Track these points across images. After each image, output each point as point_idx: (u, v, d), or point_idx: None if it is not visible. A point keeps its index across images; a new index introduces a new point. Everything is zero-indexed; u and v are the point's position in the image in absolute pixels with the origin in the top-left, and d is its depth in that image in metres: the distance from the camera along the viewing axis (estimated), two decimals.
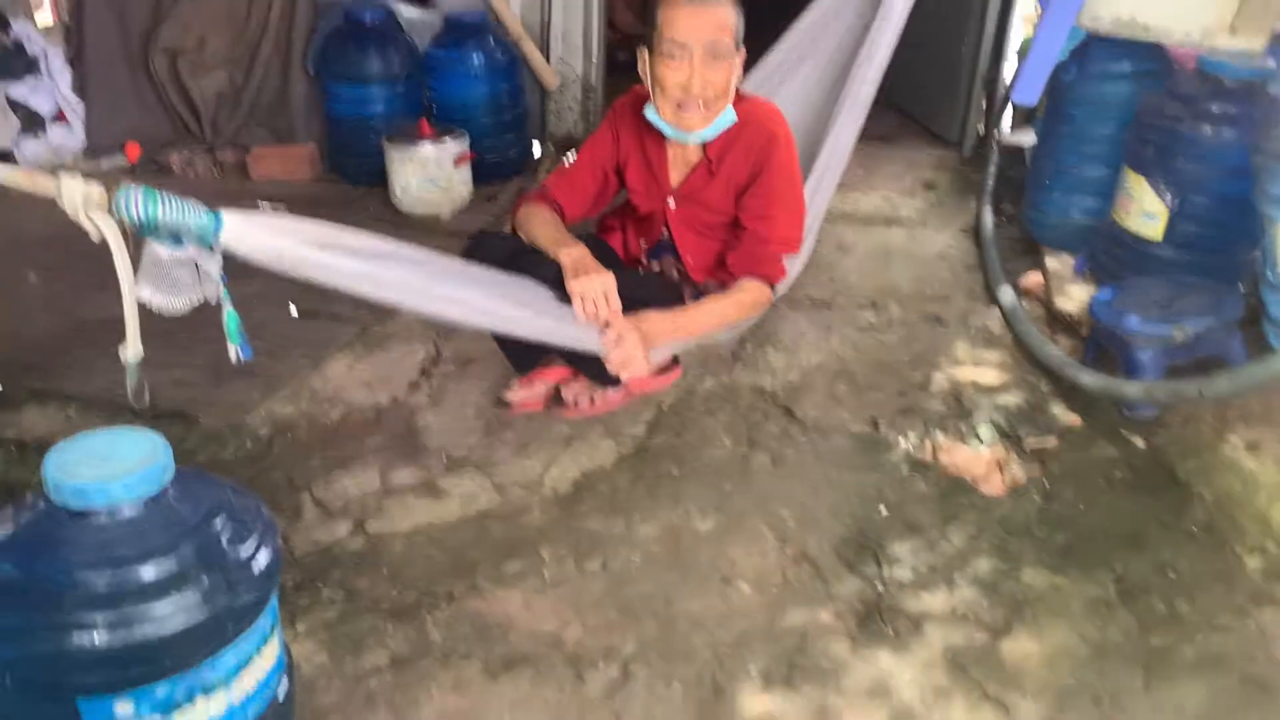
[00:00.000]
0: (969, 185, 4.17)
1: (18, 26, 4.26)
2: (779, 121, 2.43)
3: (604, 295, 2.19)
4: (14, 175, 1.29)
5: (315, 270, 1.68)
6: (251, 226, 1.57)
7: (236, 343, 1.65)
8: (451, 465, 2.45)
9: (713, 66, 2.26)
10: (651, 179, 2.52)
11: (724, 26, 2.25)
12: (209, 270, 1.54)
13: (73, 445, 1.33)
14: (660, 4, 2.29)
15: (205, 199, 3.99)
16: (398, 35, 3.98)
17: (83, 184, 1.32)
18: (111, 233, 1.36)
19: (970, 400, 2.67)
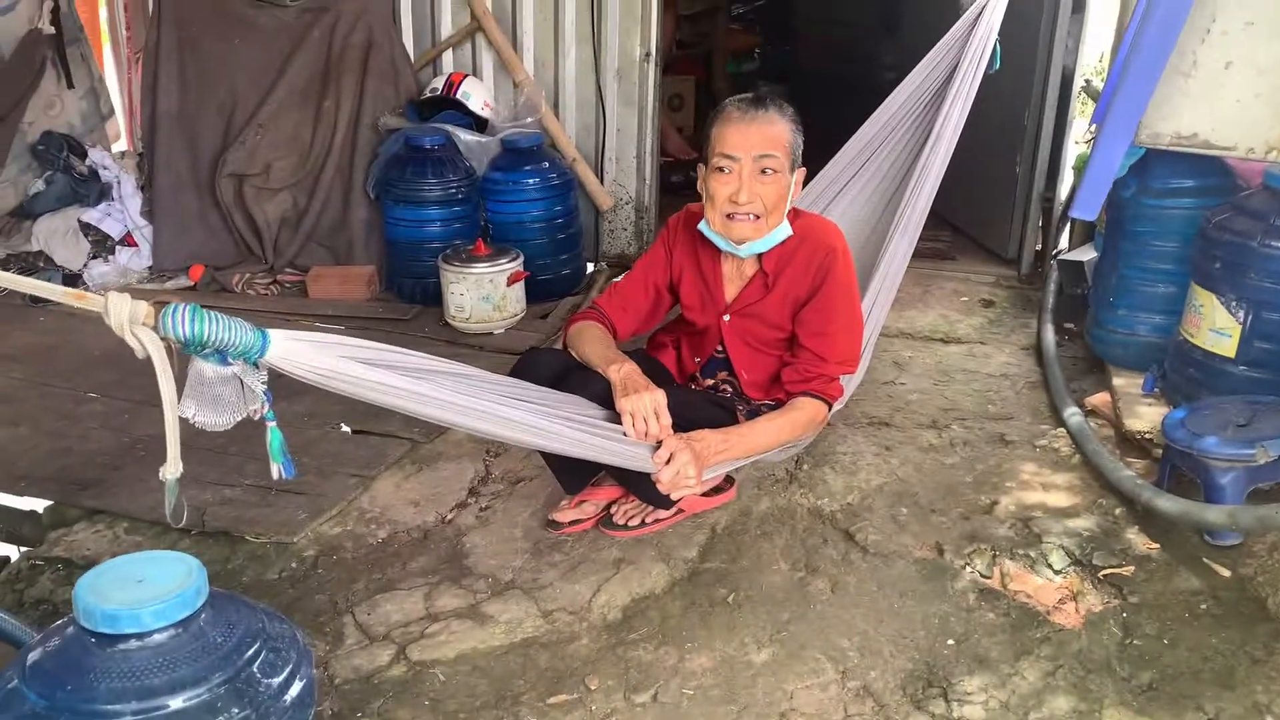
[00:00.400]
0: (1028, 302, 4.10)
1: (95, 155, 4.44)
2: (838, 236, 2.43)
3: (654, 412, 2.16)
4: (63, 292, 1.29)
5: (362, 388, 1.66)
6: (298, 344, 1.55)
7: (279, 461, 1.62)
8: (497, 589, 2.37)
9: (761, 180, 2.28)
10: (706, 294, 2.51)
11: (775, 142, 2.27)
12: (254, 388, 1.52)
13: (107, 568, 1.29)
14: (714, 120, 2.34)
15: (262, 317, 4.08)
16: (457, 159, 4.07)
17: (129, 301, 1.32)
18: (156, 349, 1.35)
19: (1039, 525, 2.54)
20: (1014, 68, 3.64)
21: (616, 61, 4.33)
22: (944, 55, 3.10)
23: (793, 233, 2.39)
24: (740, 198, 2.28)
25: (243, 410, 1.55)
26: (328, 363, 1.59)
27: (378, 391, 1.68)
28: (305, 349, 1.56)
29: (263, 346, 1.49)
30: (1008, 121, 4.23)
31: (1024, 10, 3.34)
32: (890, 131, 3.13)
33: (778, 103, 2.34)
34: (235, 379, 1.51)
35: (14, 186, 4.34)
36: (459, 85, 4.21)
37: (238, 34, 4.28)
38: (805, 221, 2.45)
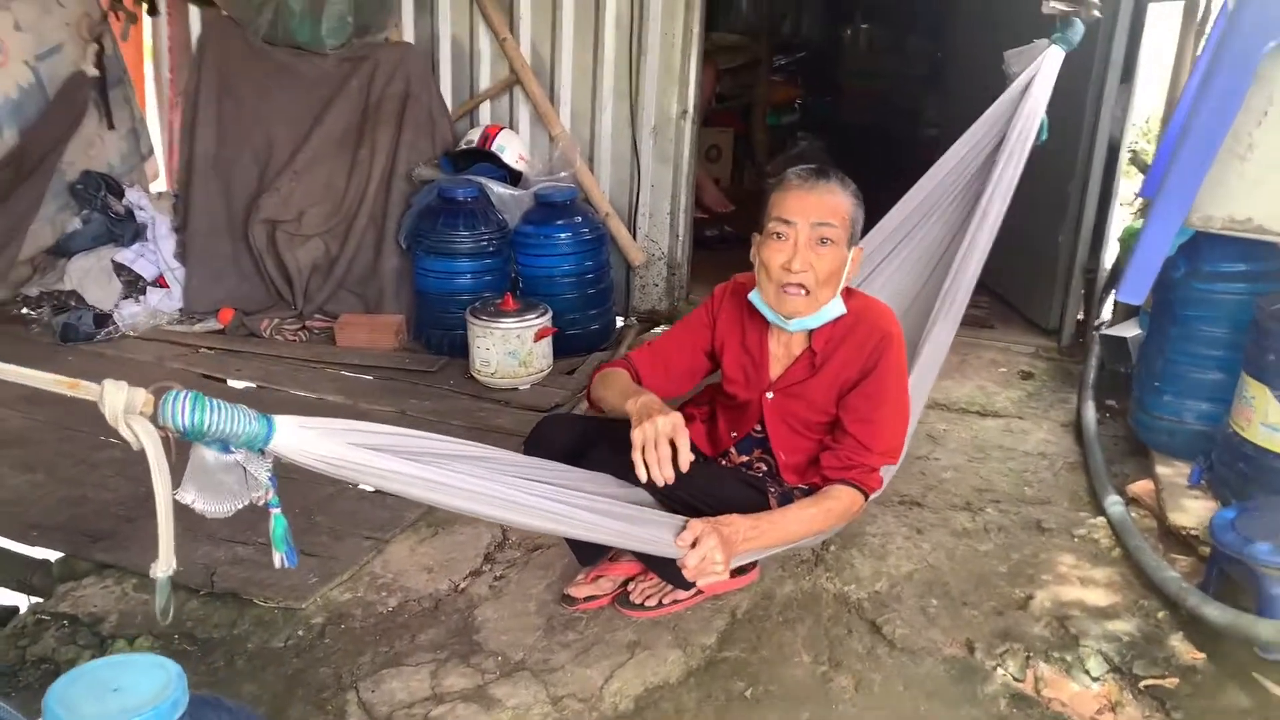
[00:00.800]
0: (1068, 376, 3.98)
1: (132, 195, 4.46)
2: (893, 322, 2.33)
3: (669, 438, 2.02)
4: (54, 380, 1.24)
5: (370, 475, 1.60)
6: (305, 433, 1.49)
7: (282, 550, 1.56)
8: (506, 669, 2.29)
9: (817, 250, 2.19)
10: (751, 367, 2.41)
11: (835, 212, 2.20)
12: (257, 475, 1.46)
13: (80, 675, 1.22)
14: (774, 189, 2.26)
15: (289, 363, 4.04)
16: (489, 211, 4.04)
17: (125, 390, 1.26)
18: (151, 442, 1.29)
19: (1077, 625, 2.42)
20: (1059, 136, 3.55)
21: (653, 118, 4.30)
22: (991, 126, 3.03)
23: (846, 311, 2.30)
24: (794, 265, 2.18)
25: (245, 497, 1.49)
26: (336, 451, 1.53)
27: (387, 479, 1.61)
28: (312, 437, 1.50)
29: (267, 436, 1.43)
30: (1051, 190, 4.14)
31: (1070, 79, 3.24)
32: (935, 204, 3.05)
33: (840, 175, 2.26)
34: (238, 466, 1.45)
35: (51, 224, 4.36)
36: (494, 138, 4.20)
37: (277, 81, 4.30)
38: (860, 303, 2.35)
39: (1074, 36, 3.10)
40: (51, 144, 4.00)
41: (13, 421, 3.45)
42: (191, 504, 1.46)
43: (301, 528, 2.83)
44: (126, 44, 4.67)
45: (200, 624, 2.45)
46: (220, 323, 4.26)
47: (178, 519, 2.73)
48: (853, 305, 2.33)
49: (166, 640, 2.40)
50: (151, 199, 4.53)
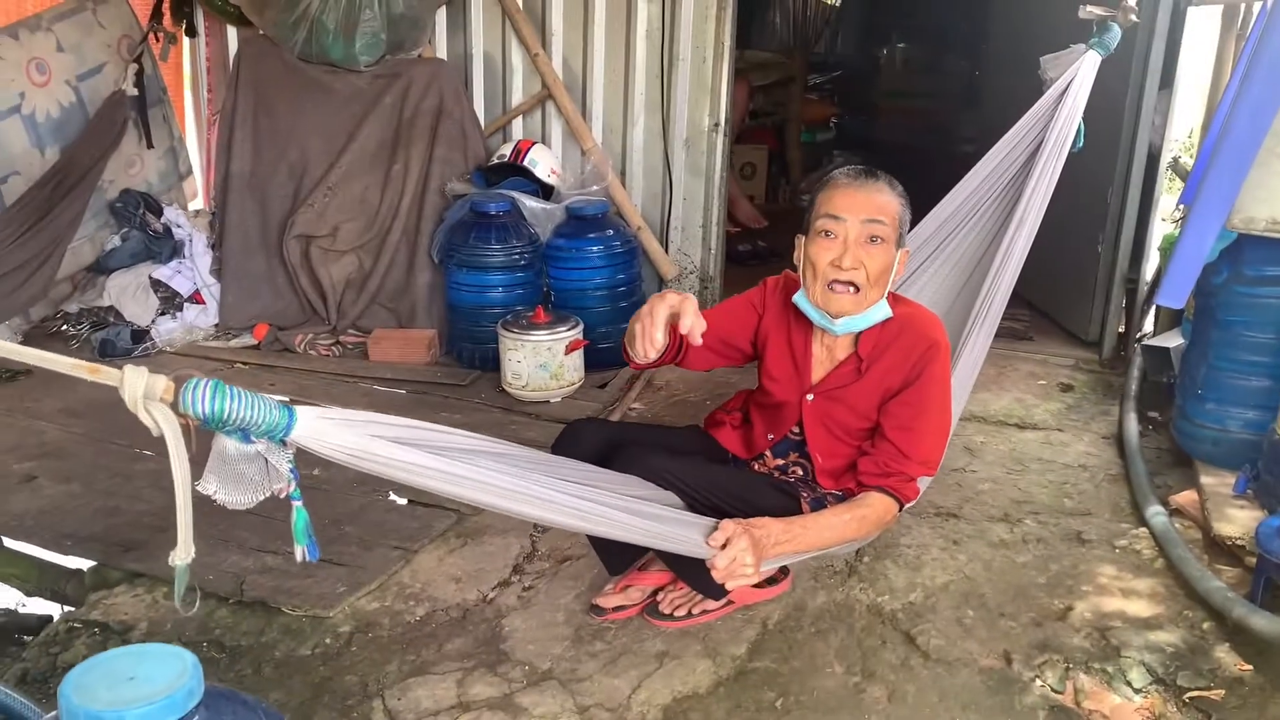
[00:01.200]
0: (1109, 388, 3.90)
1: (170, 213, 4.53)
2: (941, 330, 2.29)
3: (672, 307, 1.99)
4: (73, 364, 1.24)
5: (393, 468, 1.58)
6: (327, 423, 1.48)
7: (303, 544, 1.54)
8: (534, 678, 2.26)
9: (868, 248, 2.15)
10: (792, 368, 2.37)
11: (885, 210, 2.16)
12: (278, 466, 1.45)
13: (97, 663, 1.21)
14: (820, 189, 2.23)
15: (322, 378, 4.06)
16: (521, 225, 4.05)
17: (145, 375, 1.25)
18: (170, 428, 1.28)
19: (1118, 636, 2.35)
20: (1098, 144, 3.49)
21: (685, 131, 4.29)
22: (1027, 133, 2.98)
23: (893, 315, 2.26)
24: (844, 263, 2.14)
25: (267, 489, 1.48)
26: (358, 442, 1.51)
27: (410, 472, 1.59)
28: (334, 428, 1.49)
29: (288, 425, 1.41)
30: (1090, 199, 4.08)
31: (1109, 85, 3.20)
32: (970, 211, 3.00)
33: (888, 176, 2.23)
34: (259, 457, 1.44)
35: (91, 243, 4.43)
36: (526, 152, 4.21)
37: (311, 98, 4.34)
38: (907, 309, 2.31)
39: (1111, 41, 3.05)
40: (91, 162, 4.06)
41: (51, 434, 3.49)
42: (213, 495, 1.45)
43: (331, 537, 2.83)
44: (166, 65, 4.75)
45: (229, 632, 2.45)
46: (255, 338, 4.29)
47: (210, 526, 2.75)
48: (900, 311, 2.28)
49: (195, 647, 2.39)
50: (189, 216, 4.59)
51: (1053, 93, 3.00)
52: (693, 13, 4.16)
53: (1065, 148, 2.93)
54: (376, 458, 1.53)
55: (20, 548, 2.92)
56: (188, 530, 1.35)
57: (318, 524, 2.90)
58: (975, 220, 2.97)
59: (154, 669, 1.21)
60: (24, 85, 4.15)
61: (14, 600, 2.95)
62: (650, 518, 1.99)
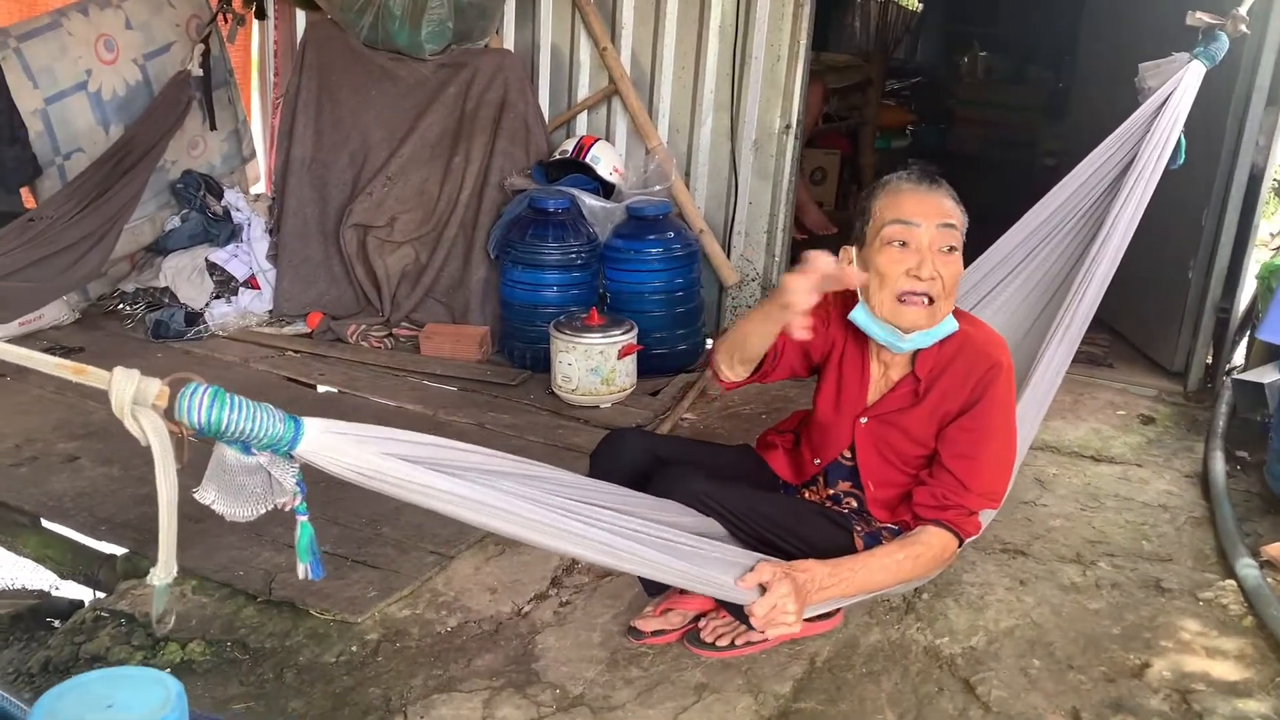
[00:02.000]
0: (1194, 423, 3.66)
1: (230, 196, 4.49)
2: (1004, 350, 2.11)
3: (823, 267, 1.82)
4: (57, 364, 1.14)
5: (407, 490, 1.46)
6: (336, 439, 1.37)
7: (306, 561, 1.44)
8: (564, 703, 2.14)
9: (943, 256, 2.00)
10: (844, 389, 2.21)
11: (954, 216, 2.02)
12: (282, 480, 1.34)
13: (74, 685, 1.11)
14: (876, 194, 2.06)
15: (372, 370, 3.99)
16: (579, 224, 3.93)
17: (136, 379, 1.15)
18: (158, 438, 1.18)
19: (1201, 701, 2.15)
20: (1194, 162, 3.27)
21: (754, 132, 4.13)
22: (1121, 145, 2.78)
23: (957, 328, 2.09)
24: (923, 272, 1.97)
25: (269, 502, 1.37)
26: (369, 460, 1.39)
27: (425, 495, 1.47)
28: (344, 444, 1.37)
29: (293, 440, 1.30)
30: (1183, 220, 3.84)
31: (1210, 99, 2.98)
32: (1054, 229, 2.80)
33: (948, 186, 2.09)
34: (262, 469, 1.33)
35: (151, 223, 4.41)
36: (589, 149, 4.09)
37: (375, 85, 4.27)
38: (966, 327, 2.13)
39: (1217, 52, 2.84)
40: (152, 142, 4.03)
41: (99, 414, 3.46)
42: (211, 504, 1.35)
43: (366, 538, 2.74)
44: (234, 47, 4.72)
45: (254, 632, 2.37)
46: (308, 326, 4.24)
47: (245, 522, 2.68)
48: (960, 328, 2.11)
49: (219, 647, 2.33)
50: (249, 200, 4.56)
51: (1151, 104, 2.80)
52: (769, 10, 3.99)
53: (1161, 163, 2.73)
54: (388, 478, 1.41)
55: (57, 529, 2.89)
56: (171, 549, 1.25)
57: (354, 523, 2.84)
58: (1060, 237, 2.77)
59: (134, 696, 1.11)
60: (91, 62, 4.14)
61: (48, 583, 2.92)
62: (686, 557, 1.85)
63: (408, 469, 1.43)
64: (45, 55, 3.98)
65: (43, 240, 3.57)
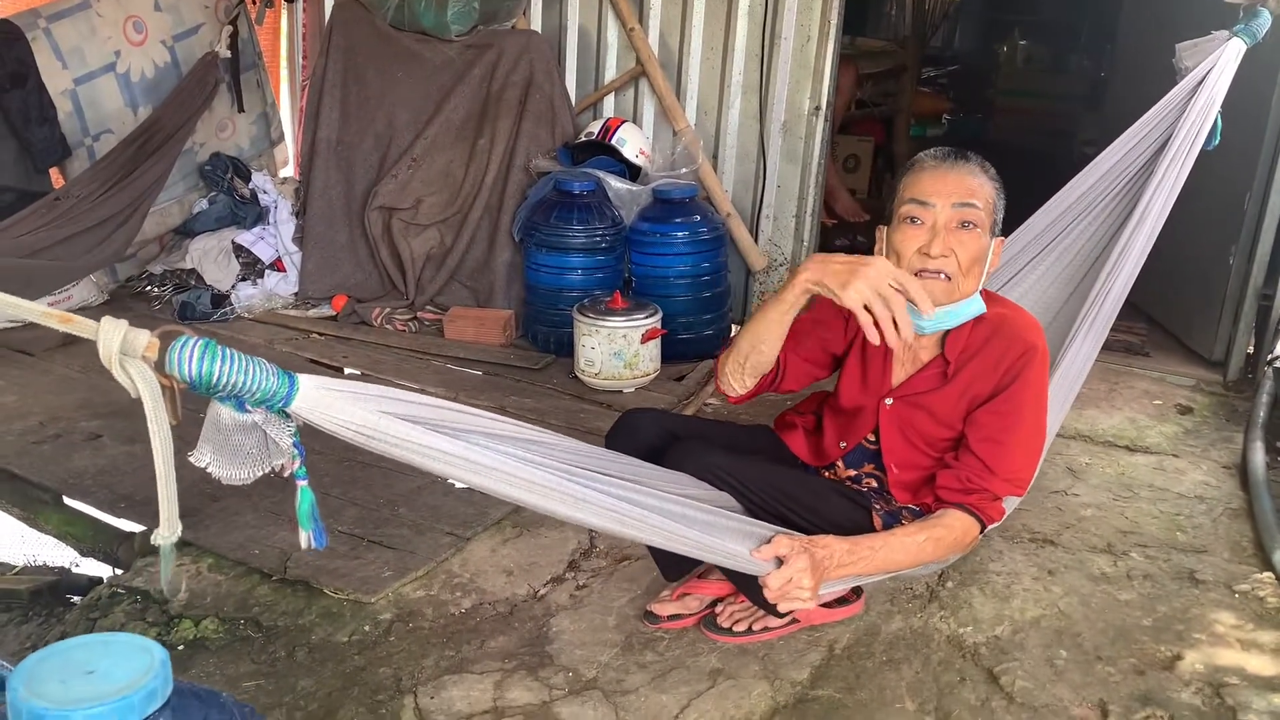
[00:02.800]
0: (1233, 413, 3.56)
1: (257, 178, 4.49)
2: (1039, 334, 2.05)
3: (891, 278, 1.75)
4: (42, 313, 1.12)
5: (407, 450, 1.41)
6: (331, 395, 1.33)
7: (308, 528, 1.40)
8: (576, 686, 2.10)
9: (958, 234, 1.94)
10: (870, 372, 2.16)
11: (977, 193, 1.96)
12: (279, 440, 1.30)
13: (56, 651, 1.08)
14: (905, 173, 2.03)
15: (396, 353, 3.97)
16: (605, 207, 3.88)
17: (124, 329, 1.12)
18: (149, 389, 1.15)
19: (1235, 695, 2.07)
20: (1236, 144, 3.18)
21: (783, 114, 4.06)
22: (1156, 125, 2.70)
23: (985, 314, 2.03)
24: (933, 249, 1.93)
25: (266, 464, 1.34)
26: (367, 419, 1.35)
27: (425, 456, 1.42)
28: (340, 401, 1.33)
29: (288, 395, 1.27)
30: (1224, 204, 3.73)
31: (1251, 78, 2.88)
32: (1087, 207, 2.74)
33: (980, 159, 2.02)
34: (257, 428, 1.29)
35: (180, 205, 4.43)
36: (615, 131, 4.04)
37: (401, 66, 4.25)
38: (1001, 309, 2.08)
39: (1259, 29, 2.75)
40: (179, 123, 4.04)
41: (121, 394, 3.38)
42: (206, 467, 1.32)
43: (383, 518, 2.72)
44: (263, 30, 4.72)
45: (267, 610, 2.36)
46: (333, 309, 4.23)
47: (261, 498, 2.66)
48: (993, 310, 2.05)
49: (232, 625, 2.31)
50: (276, 183, 4.56)
51: (1188, 82, 2.72)
52: None
53: (1198, 143, 2.65)
54: (387, 437, 1.37)
55: (78, 506, 2.89)
56: (172, 505, 1.22)
57: (371, 504, 2.81)
58: (1093, 217, 2.70)
59: (117, 663, 1.07)
60: (120, 44, 4.15)
61: (69, 559, 2.92)
62: (699, 525, 1.79)
63: (407, 428, 1.39)
64: (75, 36, 3.99)
65: (69, 219, 3.58)
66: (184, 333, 1.18)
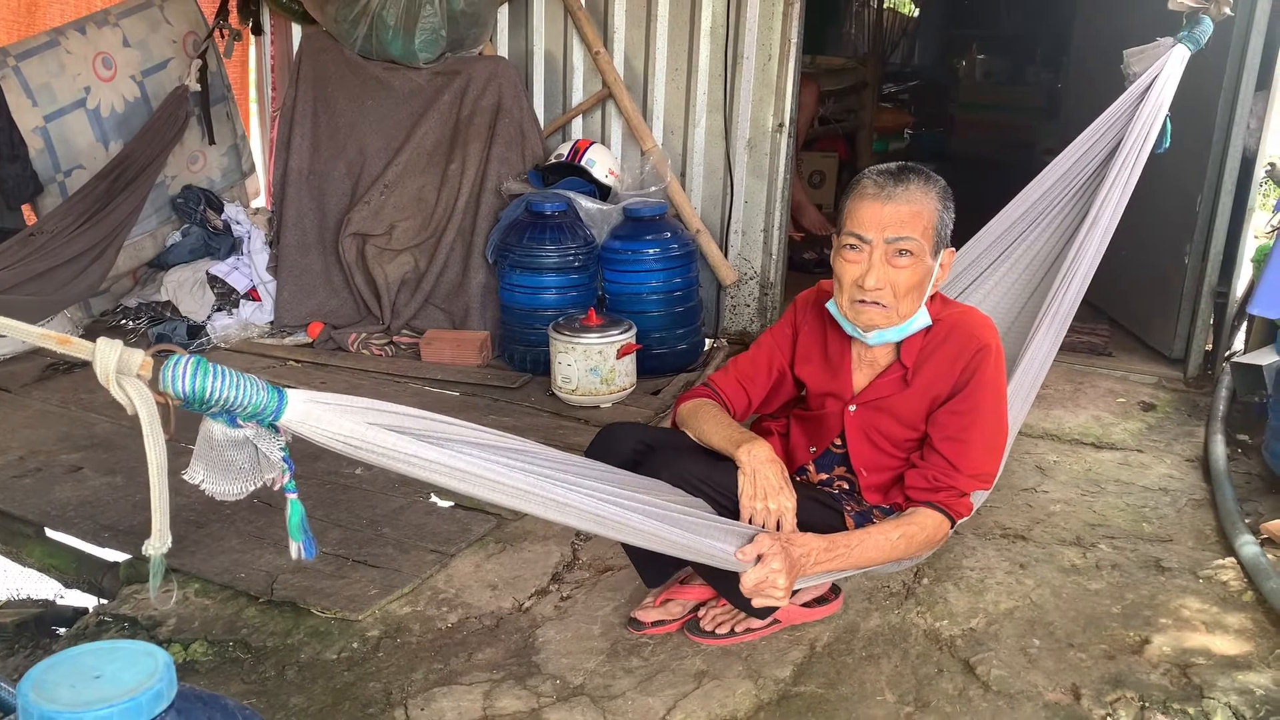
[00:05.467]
0: (1194, 408, 3.66)
1: (230, 210, 4.53)
2: (992, 333, 2.12)
3: (777, 517, 1.97)
4: (41, 335, 1.16)
5: (394, 460, 1.46)
6: (321, 408, 1.37)
7: (299, 539, 1.44)
8: (564, 693, 2.14)
9: (894, 264, 2.00)
10: (831, 379, 2.23)
11: (914, 222, 2.00)
12: (269, 454, 1.35)
13: (63, 659, 1.12)
14: (849, 192, 2.08)
15: (373, 378, 4.00)
16: (576, 226, 3.95)
17: (120, 349, 1.17)
18: (144, 405, 1.19)
19: (1201, 675, 2.14)
20: (1187, 147, 3.29)
21: (748, 131, 4.16)
22: (1106, 130, 2.79)
23: (932, 322, 2.11)
24: (867, 282, 2.01)
25: (257, 478, 1.38)
26: (354, 430, 1.40)
27: (411, 465, 1.47)
28: (328, 414, 1.38)
29: (278, 409, 1.31)
30: (1177, 207, 3.85)
31: (1199, 84, 2.99)
32: (1041, 212, 2.81)
33: (923, 174, 2.06)
34: (249, 443, 1.34)
35: (153, 238, 4.45)
36: (584, 152, 4.11)
37: (371, 95, 4.31)
38: (954, 312, 2.15)
39: (1201, 35, 2.85)
40: (151, 156, 4.07)
41: (101, 426, 3.48)
42: (200, 484, 1.36)
43: (366, 538, 2.75)
44: (231, 63, 4.77)
45: (256, 631, 2.38)
46: (309, 336, 4.26)
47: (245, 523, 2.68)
48: (946, 315, 2.13)
49: (221, 647, 2.34)
50: (249, 213, 4.59)
51: (1136, 89, 2.81)
52: (759, 10, 4.02)
53: (1147, 146, 2.74)
54: (374, 447, 1.42)
55: (61, 538, 2.90)
56: (164, 517, 1.26)
57: (355, 524, 2.85)
58: (1047, 222, 2.78)
59: (123, 668, 1.11)
60: (90, 80, 4.18)
61: (53, 591, 2.93)
62: (680, 525, 1.85)
63: (394, 439, 1.44)
64: (44, 73, 4.02)
65: (44, 254, 3.60)
66: (177, 351, 1.22)
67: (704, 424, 2.17)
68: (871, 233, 2.00)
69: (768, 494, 1.97)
